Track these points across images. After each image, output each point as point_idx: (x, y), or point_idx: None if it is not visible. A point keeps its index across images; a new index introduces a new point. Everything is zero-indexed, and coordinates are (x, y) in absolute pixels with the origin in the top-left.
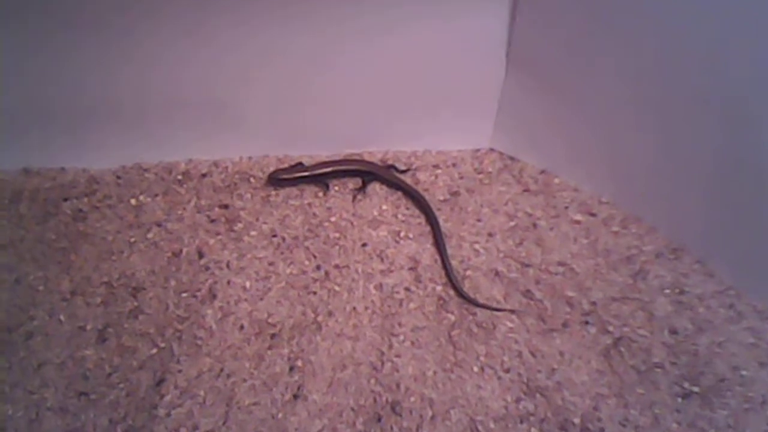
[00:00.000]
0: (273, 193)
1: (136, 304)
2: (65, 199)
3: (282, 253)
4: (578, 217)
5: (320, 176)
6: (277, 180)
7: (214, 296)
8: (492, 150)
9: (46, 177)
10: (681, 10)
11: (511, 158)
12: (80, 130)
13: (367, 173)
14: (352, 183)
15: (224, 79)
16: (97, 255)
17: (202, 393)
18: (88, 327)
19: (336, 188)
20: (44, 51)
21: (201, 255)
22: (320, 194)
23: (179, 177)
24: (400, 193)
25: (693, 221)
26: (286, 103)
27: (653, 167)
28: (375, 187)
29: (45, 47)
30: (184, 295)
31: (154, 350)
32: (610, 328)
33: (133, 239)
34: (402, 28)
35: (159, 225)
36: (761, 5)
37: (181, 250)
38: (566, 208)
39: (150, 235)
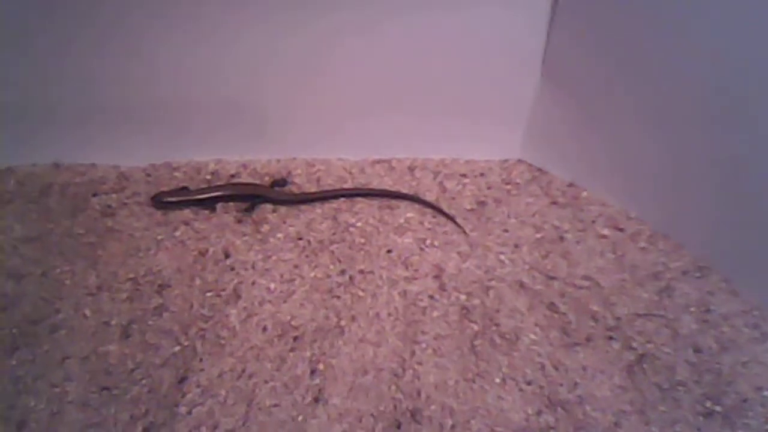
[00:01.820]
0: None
1: (161, 301)
2: (94, 195)
3: (307, 256)
4: (605, 231)
5: (205, 201)
6: (161, 203)
7: (239, 296)
8: (521, 161)
9: (76, 172)
10: (715, 31)
11: (540, 170)
12: (112, 128)
13: (253, 196)
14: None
15: (254, 82)
16: (124, 251)
17: (223, 392)
18: (113, 322)
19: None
20: (78, 49)
21: (227, 255)
22: (346, 201)
23: (208, 177)
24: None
25: (720, 240)
26: (314, 107)
27: (681, 184)
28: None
29: (77, 46)
30: (208, 294)
31: (178, 348)
32: (634, 345)
33: (160, 237)
34: (435, 33)
35: (186, 224)
36: None
37: (207, 250)
38: (593, 222)
39: (177, 234)
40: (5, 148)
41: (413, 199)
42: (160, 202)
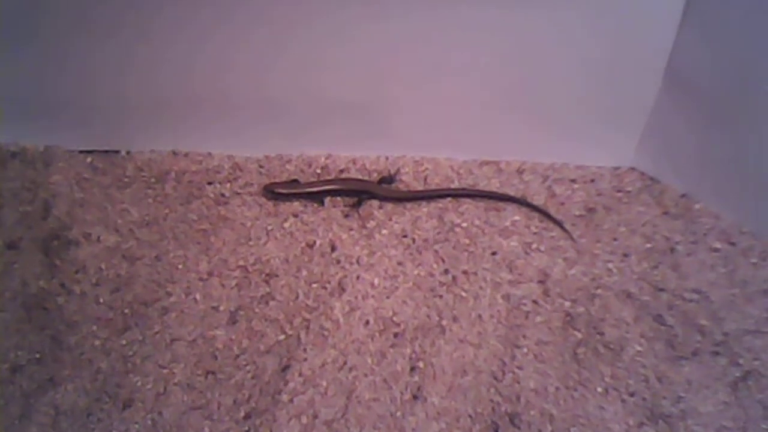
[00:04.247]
0: None
1: (268, 290)
2: (209, 183)
3: (411, 254)
4: (717, 245)
5: (314, 194)
6: (272, 193)
7: (343, 290)
8: (633, 169)
9: (193, 160)
10: None
11: (652, 179)
12: (229, 119)
13: (361, 192)
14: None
15: (365, 81)
16: (235, 239)
17: (324, 383)
18: (221, 308)
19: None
20: (198, 44)
21: (333, 248)
22: (452, 201)
23: (318, 171)
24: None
25: None
26: (424, 106)
27: None
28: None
29: (194, 40)
30: (314, 285)
31: (282, 337)
32: (741, 361)
33: (270, 227)
34: (552, 33)
35: (296, 216)
36: None
37: (314, 242)
38: (705, 234)
39: (286, 225)
40: (126, 134)
41: (521, 202)
42: (271, 192)
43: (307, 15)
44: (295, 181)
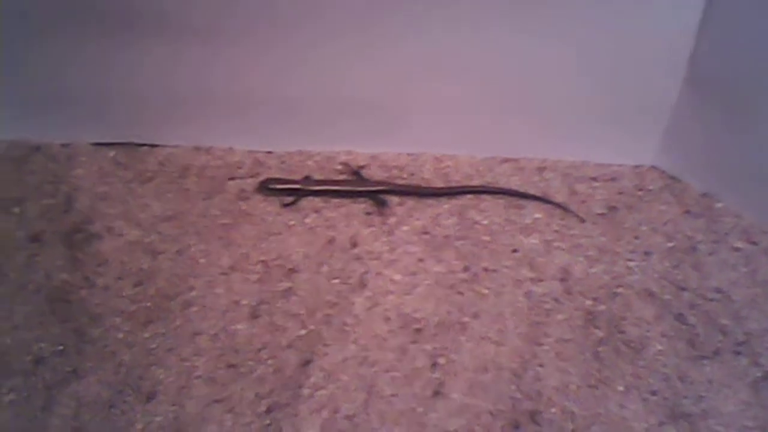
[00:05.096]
0: None
1: (289, 285)
2: (231, 179)
3: (432, 250)
4: (739, 244)
5: (316, 192)
6: (267, 189)
7: (364, 285)
8: (654, 168)
9: (214, 155)
10: None
11: (673, 178)
12: (251, 115)
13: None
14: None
15: (386, 80)
16: (256, 234)
17: (345, 378)
18: (243, 302)
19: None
20: (222, 44)
21: (354, 244)
22: (473, 198)
23: (338, 167)
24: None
25: None
26: (445, 103)
27: None
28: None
29: (222, 40)
30: (335, 281)
31: (303, 332)
32: (762, 361)
33: (291, 222)
34: (574, 32)
35: (317, 211)
36: None
37: (335, 238)
38: (727, 234)
39: (308, 220)
40: (149, 129)
41: (542, 199)
42: (266, 188)
43: (327, 15)
44: (307, 177)
